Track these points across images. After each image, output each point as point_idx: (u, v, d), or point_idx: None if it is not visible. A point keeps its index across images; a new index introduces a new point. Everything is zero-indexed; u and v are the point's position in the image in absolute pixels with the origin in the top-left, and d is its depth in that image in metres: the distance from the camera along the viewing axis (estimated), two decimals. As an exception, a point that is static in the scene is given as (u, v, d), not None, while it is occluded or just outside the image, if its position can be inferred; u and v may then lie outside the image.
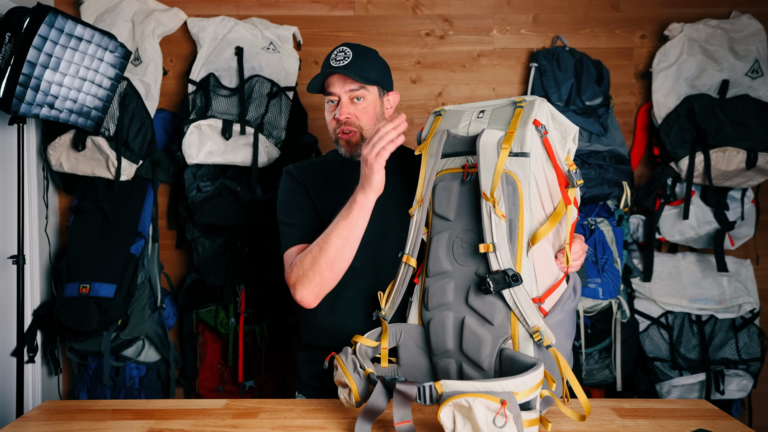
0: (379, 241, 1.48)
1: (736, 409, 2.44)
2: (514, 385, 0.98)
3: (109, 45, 2.04)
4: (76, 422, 1.24)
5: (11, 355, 2.27)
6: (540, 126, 1.17)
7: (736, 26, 2.39)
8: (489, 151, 1.19)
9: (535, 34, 2.54)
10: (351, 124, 1.48)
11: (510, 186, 1.17)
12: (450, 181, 1.28)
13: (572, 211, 1.20)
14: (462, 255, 1.24)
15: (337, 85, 1.46)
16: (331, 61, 1.47)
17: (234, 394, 2.41)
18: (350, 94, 1.47)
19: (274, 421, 1.24)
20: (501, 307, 1.16)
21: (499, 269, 1.15)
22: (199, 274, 2.35)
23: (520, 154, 1.17)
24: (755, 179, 2.34)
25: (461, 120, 1.31)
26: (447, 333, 1.23)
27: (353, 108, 1.47)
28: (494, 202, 1.16)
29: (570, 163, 1.20)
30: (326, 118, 1.53)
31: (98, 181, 2.35)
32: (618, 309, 2.28)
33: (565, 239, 1.20)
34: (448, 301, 1.24)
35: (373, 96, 1.49)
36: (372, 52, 1.52)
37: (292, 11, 2.53)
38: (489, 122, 1.25)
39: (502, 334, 1.16)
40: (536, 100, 1.21)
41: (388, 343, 1.32)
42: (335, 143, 1.54)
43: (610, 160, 2.33)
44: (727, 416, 1.25)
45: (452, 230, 1.26)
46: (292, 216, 1.51)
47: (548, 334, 1.13)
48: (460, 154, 1.29)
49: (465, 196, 1.25)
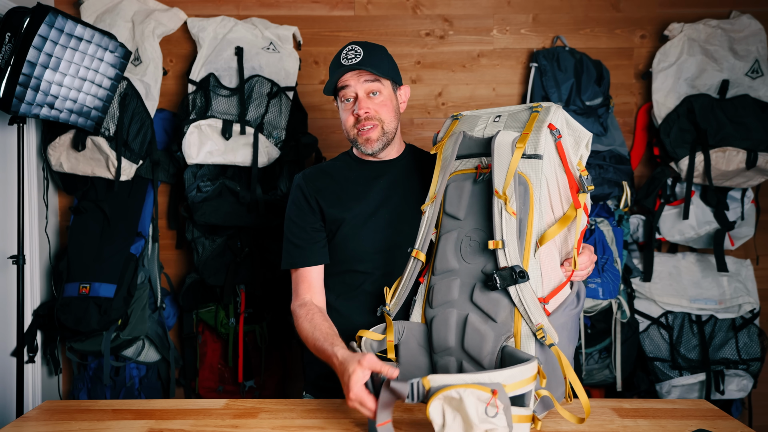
0: (391, 246, 1.48)
1: (736, 409, 2.44)
2: (502, 377, 0.98)
3: (109, 45, 2.04)
4: (76, 422, 1.24)
5: (11, 355, 2.27)
6: (554, 130, 1.19)
7: (736, 26, 2.39)
8: (503, 150, 1.22)
9: (535, 34, 2.54)
10: (371, 118, 1.47)
11: (522, 186, 1.19)
12: (462, 181, 1.31)
13: (582, 215, 1.22)
14: (470, 253, 1.25)
15: (352, 81, 1.46)
16: (342, 60, 1.46)
17: (234, 394, 2.41)
18: (366, 87, 1.46)
19: (274, 421, 1.24)
20: (505, 304, 1.17)
21: (506, 265, 1.16)
22: (199, 274, 2.35)
23: (534, 156, 1.20)
24: (755, 179, 2.34)
25: (477, 124, 1.34)
26: (449, 330, 1.23)
27: (371, 103, 1.47)
28: (506, 199, 1.17)
29: (582, 169, 1.22)
30: (342, 118, 1.51)
31: (98, 181, 2.35)
32: (618, 309, 2.28)
33: (573, 244, 1.21)
34: (453, 298, 1.25)
35: (388, 90, 1.50)
36: (380, 47, 1.52)
37: (292, 11, 2.53)
38: (505, 126, 1.28)
39: (504, 331, 1.17)
40: (552, 106, 1.24)
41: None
42: (353, 143, 1.52)
43: (610, 160, 2.33)
44: (727, 416, 1.25)
45: (461, 229, 1.28)
46: (297, 236, 1.51)
47: (551, 333, 1.14)
48: (475, 156, 1.31)
49: (476, 195, 1.28)
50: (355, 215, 1.49)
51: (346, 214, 1.49)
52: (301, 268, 1.50)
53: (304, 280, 1.50)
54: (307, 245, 1.50)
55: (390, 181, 1.53)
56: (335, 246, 1.51)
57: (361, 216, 1.49)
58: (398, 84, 1.55)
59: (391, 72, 1.50)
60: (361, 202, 1.51)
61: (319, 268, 1.52)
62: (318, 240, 1.51)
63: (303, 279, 1.50)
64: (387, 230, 1.48)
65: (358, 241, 1.49)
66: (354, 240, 1.49)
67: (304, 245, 1.50)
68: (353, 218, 1.49)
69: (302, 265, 1.50)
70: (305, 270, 1.50)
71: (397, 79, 1.53)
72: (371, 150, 1.49)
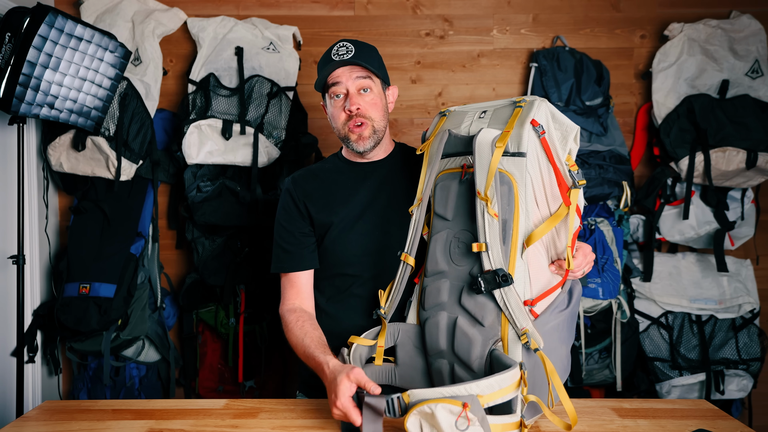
0: (380, 248, 1.48)
1: (736, 409, 2.44)
2: (479, 388, 0.98)
3: (109, 45, 2.04)
4: (76, 422, 1.24)
5: (11, 355, 2.27)
6: (537, 126, 1.15)
7: (736, 26, 2.39)
8: (484, 150, 1.18)
9: (535, 34, 2.54)
10: (362, 115, 1.46)
11: (505, 186, 1.16)
12: (449, 180, 1.28)
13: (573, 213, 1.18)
14: (458, 255, 1.23)
15: (343, 77, 1.45)
16: (333, 56, 1.45)
17: (234, 394, 2.41)
18: (358, 84, 1.45)
19: (274, 421, 1.24)
20: (492, 308, 1.15)
21: (490, 269, 1.14)
22: (199, 274, 2.35)
23: (517, 154, 1.16)
24: (755, 179, 2.34)
25: (464, 120, 1.30)
26: (440, 333, 1.22)
27: (362, 100, 1.46)
28: (487, 201, 1.14)
29: (571, 164, 1.18)
30: (333, 115, 1.49)
31: (98, 181, 2.35)
32: (618, 309, 2.28)
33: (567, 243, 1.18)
34: (443, 300, 1.23)
35: (378, 88, 1.49)
36: (371, 46, 1.52)
37: (292, 11, 2.53)
38: (489, 122, 1.24)
39: (492, 335, 1.15)
40: (536, 100, 1.20)
41: (386, 342, 1.32)
42: (344, 141, 1.51)
43: (610, 160, 2.33)
44: (727, 416, 1.25)
45: (450, 230, 1.26)
46: (286, 240, 1.52)
47: (536, 337, 1.11)
48: (461, 154, 1.28)
49: (463, 195, 1.25)
50: (342, 219, 1.49)
51: (334, 218, 1.49)
52: (290, 273, 1.51)
53: (292, 285, 1.51)
54: (296, 250, 1.50)
55: (377, 182, 1.53)
56: (324, 250, 1.51)
57: (349, 220, 1.49)
58: (387, 84, 1.55)
59: (381, 70, 1.50)
60: (348, 206, 1.50)
61: (309, 273, 1.52)
62: (307, 245, 1.51)
63: (292, 284, 1.51)
64: (375, 233, 1.48)
65: (346, 245, 1.48)
66: (342, 244, 1.49)
67: (293, 250, 1.50)
68: (340, 222, 1.49)
69: (291, 269, 1.50)
70: (294, 275, 1.51)
71: (386, 79, 1.53)
72: (363, 148, 1.48)
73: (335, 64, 1.44)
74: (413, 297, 1.35)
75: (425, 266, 1.30)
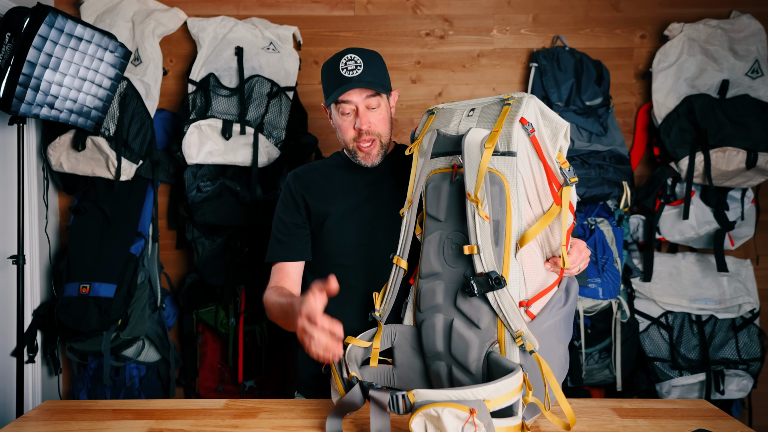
0: (371, 242, 1.49)
1: (736, 409, 2.44)
2: (486, 393, 0.97)
3: (109, 45, 2.04)
4: (76, 422, 1.24)
5: (11, 355, 2.27)
6: (527, 124, 1.13)
7: (736, 26, 2.39)
8: (473, 151, 1.17)
9: (535, 34, 2.54)
10: (372, 133, 1.47)
11: (496, 186, 1.14)
12: (440, 181, 1.26)
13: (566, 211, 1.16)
14: (451, 256, 1.22)
15: (354, 95, 1.45)
16: (342, 71, 1.44)
17: (234, 394, 2.41)
18: (367, 102, 1.46)
19: (274, 421, 1.24)
20: (487, 310, 1.14)
21: (483, 271, 1.13)
22: (199, 274, 2.35)
23: (507, 153, 1.14)
24: (755, 179, 2.34)
25: (452, 118, 1.28)
26: (437, 335, 1.22)
27: (371, 116, 1.47)
28: (478, 202, 1.13)
29: (562, 161, 1.16)
30: (341, 127, 1.49)
31: (98, 181, 2.35)
32: (618, 309, 2.28)
33: (561, 241, 1.17)
34: (439, 302, 1.23)
35: (385, 102, 1.50)
36: (376, 55, 1.51)
37: (292, 11, 2.53)
38: (478, 121, 1.22)
39: (488, 337, 1.14)
40: (524, 97, 1.18)
41: (383, 343, 1.32)
42: (351, 154, 1.52)
43: (610, 160, 2.33)
44: (727, 416, 1.25)
45: (443, 231, 1.24)
46: (281, 231, 1.56)
47: (531, 339, 1.10)
48: (450, 154, 1.26)
49: (454, 196, 1.23)
50: (339, 209, 1.52)
51: (331, 207, 1.52)
52: (281, 263, 1.55)
53: (279, 271, 1.55)
54: (289, 240, 1.54)
55: (376, 178, 1.55)
56: (321, 239, 1.53)
57: (346, 210, 1.51)
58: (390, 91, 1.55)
59: (387, 82, 1.50)
60: (346, 197, 1.53)
61: (299, 265, 1.56)
62: (300, 237, 1.54)
63: (279, 270, 1.56)
64: (370, 225, 1.49)
65: (341, 235, 1.51)
66: (338, 233, 1.51)
67: (285, 240, 1.54)
68: (337, 212, 1.51)
69: (282, 259, 1.55)
70: (285, 264, 1.55)
71: (390, 88, 1.54)
72: (371, 164, 1.51)
73: (349, 84, 1.43)
74: (409, 298, 1.34)
75: (419, 267, 1.29)
